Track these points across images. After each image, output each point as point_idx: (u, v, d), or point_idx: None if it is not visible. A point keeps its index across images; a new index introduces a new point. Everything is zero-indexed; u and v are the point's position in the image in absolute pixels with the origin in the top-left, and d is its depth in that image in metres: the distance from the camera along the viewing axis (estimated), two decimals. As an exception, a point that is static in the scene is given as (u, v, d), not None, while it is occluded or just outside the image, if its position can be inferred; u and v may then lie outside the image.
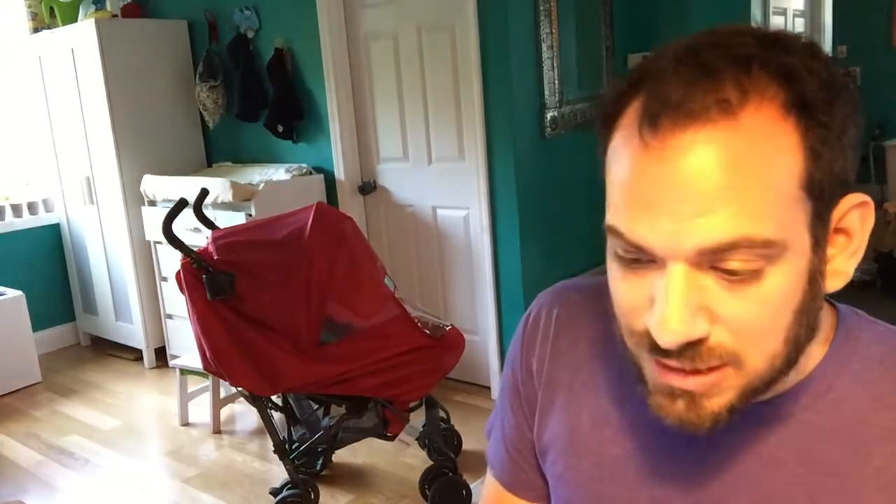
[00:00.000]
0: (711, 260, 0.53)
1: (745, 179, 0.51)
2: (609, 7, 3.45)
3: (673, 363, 0.56)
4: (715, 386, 0.57)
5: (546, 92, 3.17)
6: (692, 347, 0.55)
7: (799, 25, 4.34)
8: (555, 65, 3.18)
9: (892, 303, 4.18)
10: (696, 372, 0.56)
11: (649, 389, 0.60)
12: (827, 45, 4.61)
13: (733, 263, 0.53)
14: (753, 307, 0.54)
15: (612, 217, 0.57)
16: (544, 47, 3.13)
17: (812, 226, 0.55)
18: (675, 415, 0.58)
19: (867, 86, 7.05)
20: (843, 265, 0.59)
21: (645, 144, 0.53)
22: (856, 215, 0.58)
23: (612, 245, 0.59)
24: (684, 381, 0.57)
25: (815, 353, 0.64)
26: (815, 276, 0.56)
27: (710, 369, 0.56)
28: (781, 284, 0.54)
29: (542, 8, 3.09)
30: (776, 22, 3.98)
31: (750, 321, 0.55)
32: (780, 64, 0.53)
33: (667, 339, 0.54)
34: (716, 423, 0.58)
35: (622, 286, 0.59)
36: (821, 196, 0.54)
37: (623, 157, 0.56)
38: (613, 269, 0.60)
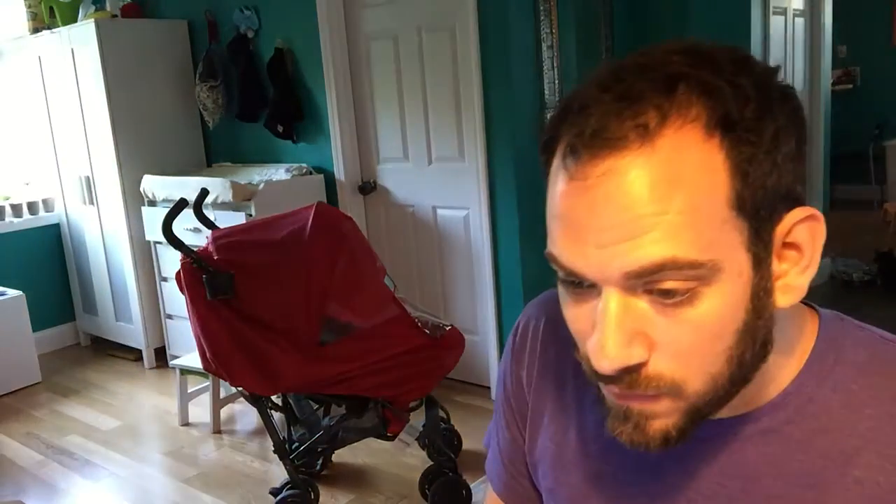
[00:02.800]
0: (643, 284, 0.53)
1: (665, 204, 0.51)
2: (609, 7, 3.45)
3: (613, 388, 0.58)
4: (655, 411, 0.58)
5: (546, 92, 3.16)
6: (630, 374, 0.56)
7: (799, 25, 4.32)
8: (555, 65, 3.18)
9: (892, 302, 4.18)
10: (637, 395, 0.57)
11: (606, 409, 0.61)
12: (827, 45, 4.60)
13: (665, 284, 0.53)
14: (690, 330, 0.54)
15: (550, 245, 0.58)
16: (544, 47, 3.13)
17: (750, 244, 0.54)
18: (626, 435, 0.59)
19: (867, 86, 7.06)
20: (795, 280, 0.57)
21: (569, 175, 0.54)
22: (804, 229, 0.56)
23: (556, 270, 0.59)
24: (626, 399, 0.58)
25: (793, 364, 0.63)
26: (759, 294, 0.55)
27: (649, 397, 0.57)
28: (717, 307, 0.54)
29: (542, 8, 3.09)
30: (776, 22, 3.96)
31: (688, 345, 0.55)
32: (705, 83, 0.52)
33: (604, 366, 0.55)
34: (666, 441, 0.58)
35: (570, 313, 0.60)
36: (755, 214, 0.53)
37: (554, 187, 0.56)
38: (562, 295, 0.61)
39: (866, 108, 6.89)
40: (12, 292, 3.97)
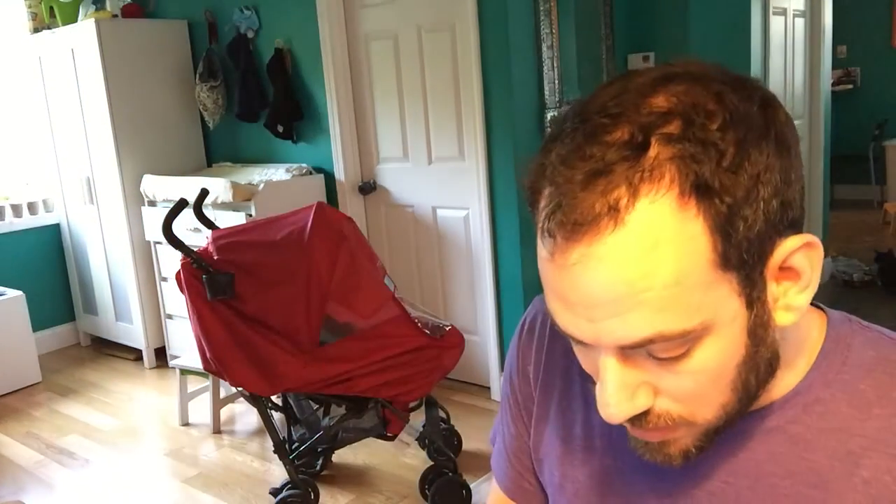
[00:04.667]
0: (637, 349, 0.54)
1: (648, 280, 0.50)
2: (609, 7, 3.45)
3: (627, 426, 0.60)
4: (671, 438, 0.60)
5: (546, 92, 3.17)
6: (639, 418, 0.58)
7: (799, 26, 4.32)
8: (555, 65, 3.18)
9: (892, 302, 4.18)
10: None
11: (628, 431, 0.63)
12: (827, 46, 4.60)
13: (659, 353, 0.54)
14: (690, 378, 0.55)
15: (548, 302, 0.58)
16: (544, 47, 3.13)
17: (742, 289, 0.53)
18: (649, 455, 0.62)
19: (867, 86, 7.06)
20: (795, 300, 0.57)
21: (549, 253, 0.54)
22: (801, 256, 0.55)
23: None
24: (641, 434, 0.60)
25: (802, 364, 0.63)
26: (756, 329, 0.55)
27: (662, 429, 0.59)
28: (714, 354, 0.54)
29: (542, 8, 3.09)
30: (776, 22, 3.96)
31: (690, 390, 0.56)
32: (676, 146, 0.50)
33: (611, 419, 0.57)
34: (686, 458, 0.61)
35: (578, 355, 0.62)
36: (743, 264, 0.52)
37: (539, 252, 0.57)
38: (568, 338, 0.62)
39: (866, 108, 6.89)
40: (12, 292, 3.97)
